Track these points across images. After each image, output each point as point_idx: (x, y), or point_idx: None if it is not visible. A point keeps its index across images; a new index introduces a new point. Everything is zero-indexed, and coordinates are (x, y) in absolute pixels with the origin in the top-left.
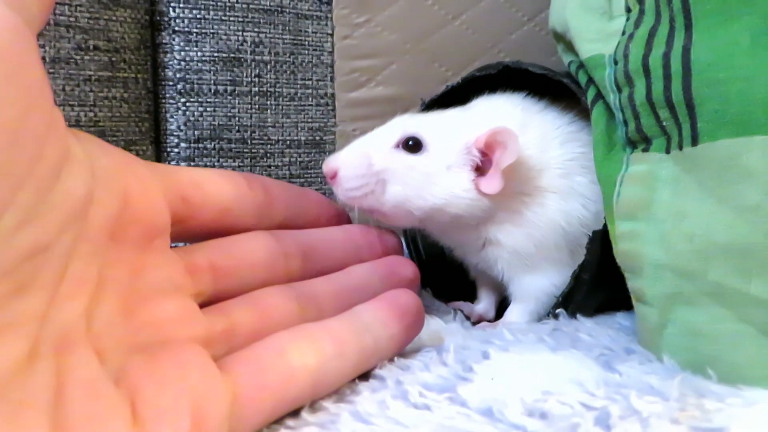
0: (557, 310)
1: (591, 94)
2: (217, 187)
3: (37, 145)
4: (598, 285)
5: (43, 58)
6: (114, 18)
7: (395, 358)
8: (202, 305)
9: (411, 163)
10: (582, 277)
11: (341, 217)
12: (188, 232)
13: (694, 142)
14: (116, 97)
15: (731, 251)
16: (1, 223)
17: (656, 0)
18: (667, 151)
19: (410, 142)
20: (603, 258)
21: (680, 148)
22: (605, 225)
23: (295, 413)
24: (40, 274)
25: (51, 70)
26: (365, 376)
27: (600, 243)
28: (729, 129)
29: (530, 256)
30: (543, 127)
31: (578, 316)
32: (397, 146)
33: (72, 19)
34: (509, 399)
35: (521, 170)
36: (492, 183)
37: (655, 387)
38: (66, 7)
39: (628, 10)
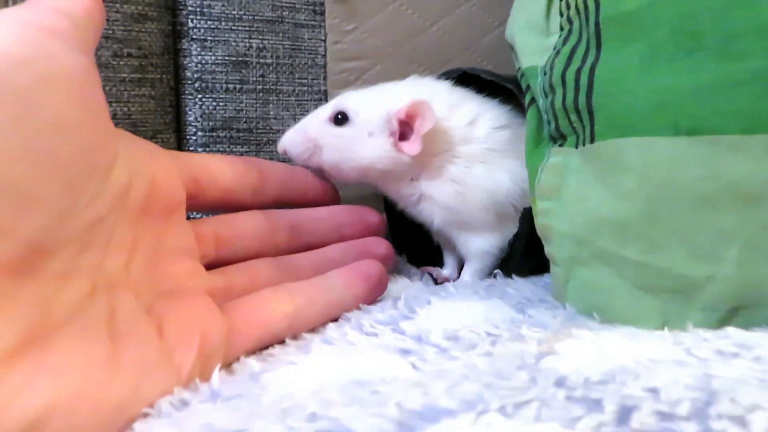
0: (495, 271)
1: (528, 98)
2: (221, 171)
3: (101, 149)
4: (529, 252)
5: None
6: (143, 29)
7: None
8: (206, 268)
9: (337, 133)
10: (516, 245)
11: (327, 190)
12: (198, 206)
13: (592, 140)
14: (145, 95)
15: (613, 224)
16: (78, 202)
17: (580, 22)
18: (576, 147)
19: (338, 116)
20: (532, 230)
21: (584, 144)
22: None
23: (281, 342)
24: (97, 237)
25: None
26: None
27: (529, 218)
28: (615, 131)
29: (459, 212)
30: (469, 106)
31: (513, 276)
32: (329, 120)
33: (110, 31)
34: (434, 329)
35: (445, 136)
36: (412, 146)
37: (546, 323)
38: (106, 22)
39: (561, 29)
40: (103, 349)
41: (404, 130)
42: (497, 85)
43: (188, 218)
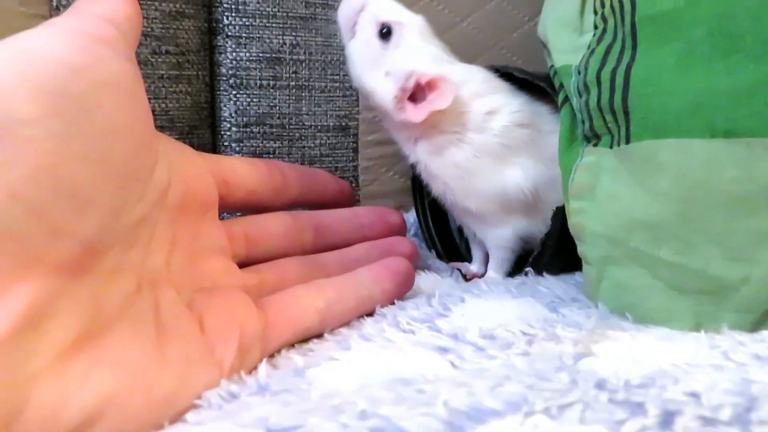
0: (526, 269)
1: (561, 96)
2: (247, 172)
3: (147, 151)
4: (561, 250)
5: None
6: (181, 27)
7: (396, 302)
8: (238, 266)
9: (368, 41)
10: (547, 243)
11: (344, 191)
12: (226, 207)
13: (627, 141)
14: (182, 91)
15: (647, 225)
16: (127, 202)
17: (615, 21)
18: (611, 147)
19: (384, 30)
20: (564, 228)
21: (618, 144)
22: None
23: (319, 336)
24: (141, 235)
25: None
26: (371, 313)
27: (561, 217)
28: (650, 132)
29: (464, 197)
30: (494, 98)
31: (544, 274)
32: (380, 28)
33: (149, 29)
34: (470, 327)
35: (459, 118)
36: (415, 114)
37: (580, 322)
38: (144, 20)
39: (595, 27)
40: (152, 343)
41: (417, 94)
42: (530, 84)
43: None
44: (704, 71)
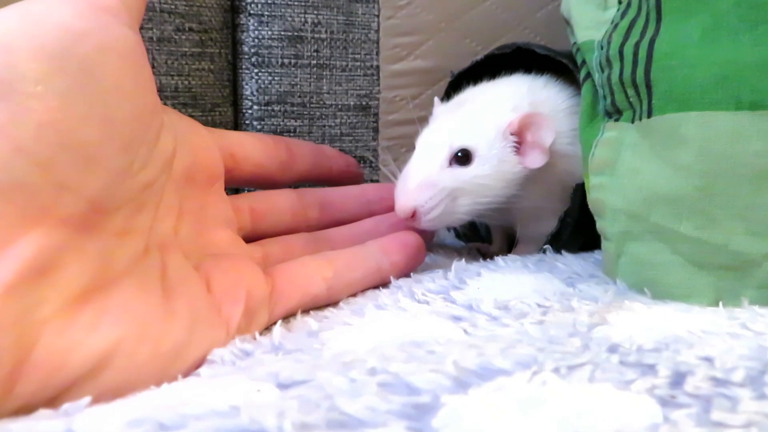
0: (545, 246)
1: (583, 72)
2: (253, 147)
3: (151, 116)
4: (580, 227)
5: (151, 38)
6: (204, 5)
7: (411, 274)
8: (244, 240)
9: (472, 174)
10: (567, 220)
11: (351, 167)
12: (233, 181)
13: (649, 115)
14: (205, 69)
15: (668, 200)
16: (132, 165)
17: None
18: (632, 121)
19: (460, 154)
20: (584, 206)
21: (640, 119)
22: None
23: (335, 305)
24: (148, 200)
25: (157, 48)
26: (386, 285)
27: (581, 193)
28: (673, 105)
29: (539, 211)
30: (550, 103)
31: (563, 252)
32: (450, 163)
33: (173, 6)
34: (485, 299)
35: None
36: (538, 158)
37: (597, 296)
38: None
39: (619, 2)
40: (158, 299)
41: (520, 140)
42: (552, 60)
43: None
44: (730, 43)
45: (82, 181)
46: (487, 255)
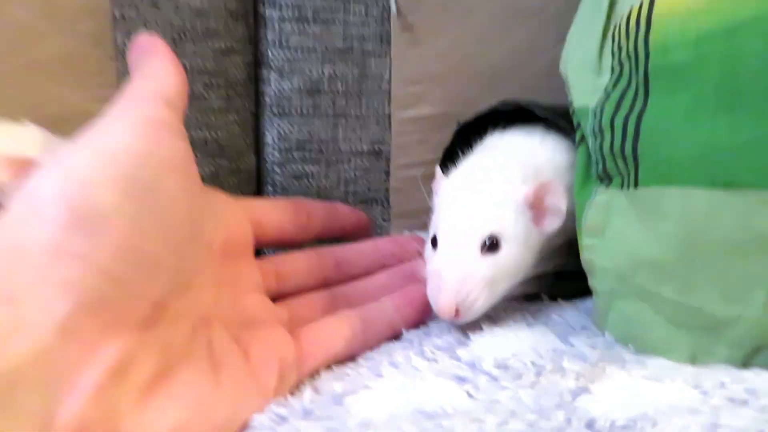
0: (542, 294)
1: (578, 135)
2: (277, 214)
3: (199, 216)
4: (575, 277)
5: None
6: (230, 62)
7: (420, 326)
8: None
9: (504, 258)
10: (563, 273)
11: (361, 221)
12: (259, 244)
13: (636, 185)
14: (231, 121)
15: (651, 265)
16: (185, 262)
17: (630, 67)
18: (621, 188)
19: (487, 243)
20: (578, 260)
21: (628, 187)
22: None
23: (353, 360)
24: (194, 283)
25: (190, 104)
26: (398, 337)
27: (576, 249)
28: (657, 179)
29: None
30: (552, 164)
31: (558, 300)
32: (483, 252)
33: (203, 66)
34: (486, 356)
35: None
36: (554, 221)
37: (585, 354)
38: (199, 57)
39: (612, 70)
40: (209, 375)
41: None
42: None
43: None
44: (709, 124)
45: (149, 288)
46: None
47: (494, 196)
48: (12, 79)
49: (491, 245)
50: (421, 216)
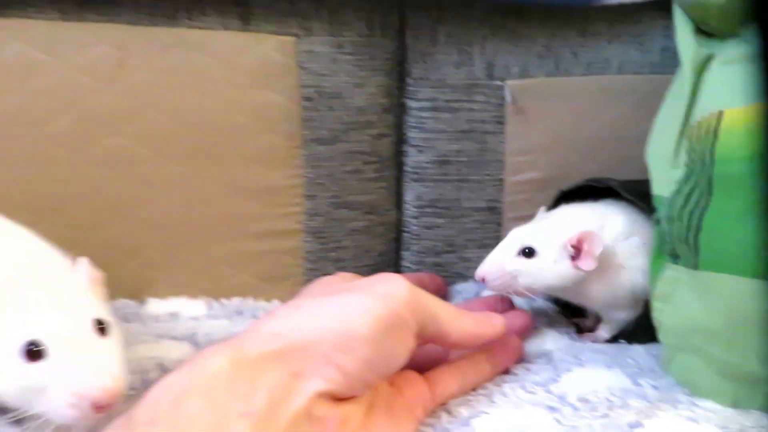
0: (620, 339)
1: (656, 216)
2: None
3: (403, 362)
4: (648, 327)
5: (347, 171)
6: (382, 144)
7: (523, 362)
8: None
9: (530, 265)
10: (639, 322)
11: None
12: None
13: (696, 267)
14: (381, 186)
15: (704, 330)
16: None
17: (699, 169)
18: (686, 266)
19: (526, 250)
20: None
21: (691, 268)
22: None
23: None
24: None
25: (350, 176)
26: (508, 371)
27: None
28: (711, 266)
29: (609, 303)
30: (616, 226)
31: (633, 344)
32: (519, 254)
33: (361, 148)
34: (571, 391)
35: (601, 254)
36: (588, 263)
37: (648, 394)
38: (357, 142)
39: (686, 166)
40: (388, 415)
41: (577, 250)
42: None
43: None
44: (753, 228)
45: (373, 384)
46: (582, 327)
47: (550, 228)
48: (235, 165)
49: (527, 252)
50: None
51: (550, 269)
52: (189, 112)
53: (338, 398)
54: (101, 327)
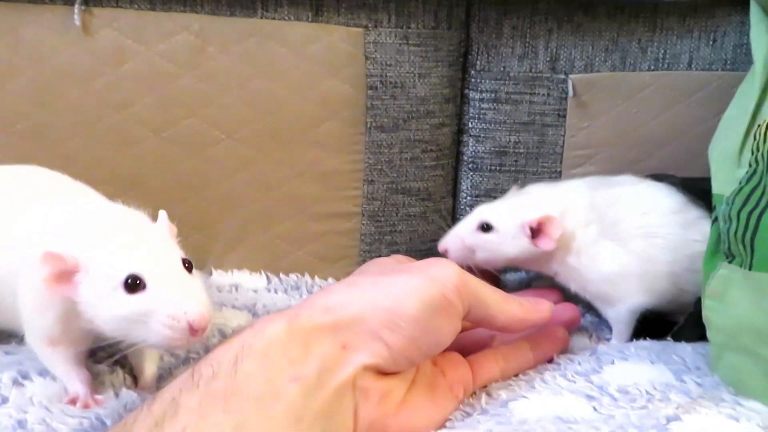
0: (668, 337)
1: (713, 215)
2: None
3: (449, 340)
4: (698, 324)
5: (406, 158)
6: (441, 133)
7: (568, 353)
8: None
9: (486, 239)
10: (689, 320)
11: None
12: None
13: (750, 268)
14: (438, 174)
15: (754, 330)
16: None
17: (764, 167)
18: (741, 266)
19: (484, 226)
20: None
21: (745, 268)
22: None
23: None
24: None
25: (409, 164)
26: (551, 360)
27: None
28: (765, 267)
29: (584, 288)
30: (577, 212)
31: (682, 342)
32: (477, 229)
33: (421, 142)
34: (612, 382)
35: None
36: (547, 243)
37: (690, 390)
38: (418, 131)
39: (750, 165)
40: (429, 393)
41: (537, 230)
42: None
43: None
44: None
45: (417, 362)
46: None
47: (515, 207)
48: (301, 150)
49: (485, 228)
50: None
51: (508, 244)
52: (260, 97)
53: (383, 372)
54: (187, 266)
